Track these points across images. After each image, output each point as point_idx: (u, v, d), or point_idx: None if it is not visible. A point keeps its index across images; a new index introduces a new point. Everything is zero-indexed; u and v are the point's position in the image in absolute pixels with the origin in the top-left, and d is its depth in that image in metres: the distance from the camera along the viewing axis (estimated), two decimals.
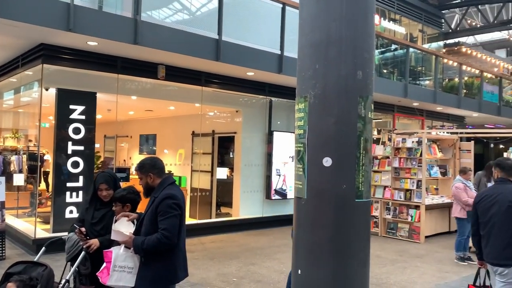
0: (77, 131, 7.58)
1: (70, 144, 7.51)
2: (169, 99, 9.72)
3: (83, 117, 7.65)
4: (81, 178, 7.61)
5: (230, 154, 11.79)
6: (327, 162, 2.36)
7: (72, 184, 7.54)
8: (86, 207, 3.84)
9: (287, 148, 10.54)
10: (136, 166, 3.50)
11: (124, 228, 3.28)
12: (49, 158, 10.37)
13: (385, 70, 13.37)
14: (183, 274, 3.31)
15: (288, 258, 6.82)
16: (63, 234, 3.96)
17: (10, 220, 8.71)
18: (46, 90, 7.59)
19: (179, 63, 8.58)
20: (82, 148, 7.63)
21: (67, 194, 7.50)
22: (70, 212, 7.49)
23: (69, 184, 7.51)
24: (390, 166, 10.02)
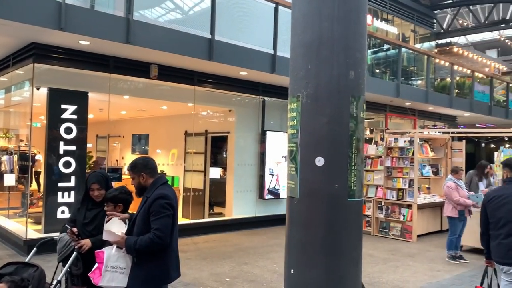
0: (69, 131, 7.54)
1: (61, 144, 7.46)
2: (161, 99, 9.69)
3: (75, 116, 7.61)
4: (73, 178, 7.57)
5: (223, 153, 11.78)
6: (320, 161, 2.37)
7: (64, 184, 7.49)
8: (78, 207, 3.82)
9: (280, 147, 10.56)
10: (128, 166, 3.48)
11: (115, 228, 3.27)
12: (40, 158, 10.30)
13: (377, 70, 13.43)
14: (176, 274, 3.31)
15: (281, 258, 6.82)
16: (55, 235, 3.93)
17: (1, 220, 8.64)
18: (38, 89, 7.53)
19: (172, 63, 8.55)
20: (74, 148, 7.59)
21: (59, 194, 7.45)
22: (62, 212, 7.44)
23: (60, 184, 7.46)
24: (383, 166, 10.08)
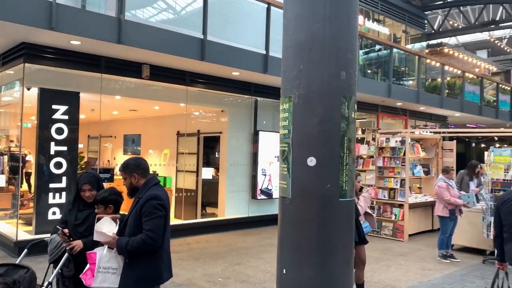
0: (60, 132, 7.48)
1: (52, 144, 7.41)
2: (153, 99, 9.66)
3: (66, 117, 7.56)
4: (64, 179, 7.52)
5: (216, 154, 11.77)
6: (312, 161, 2.38)
7: (55, 185, 7.43)
8: (69, 208, 3.80)
9: (273, 147, 10.57)
10: (120, 166, 3.47)
11: (106, 228, 3.25)
12: (31, 158, 10.21)
13: (369, 71, 13.50)
14: (168, 274, 3.30)
15: (274, 258, 6.84)
16: (46, 236, 3.91)
17: None
18: (28, 89, 7.47)
19: (164, 63, 8.53)
20: (65, 148, 7.54)
21: (50, 195, 7.40)
22: (53, 213, 7.39)
23: (52, 185, 7.41)
24: (374, 165, 10.13)
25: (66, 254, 3.49)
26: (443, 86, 14.55)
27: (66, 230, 3.59)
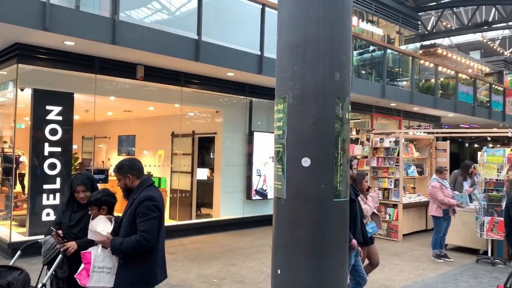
0: (54, 132, 7.45)
1: (46, 145, 7.38)
2: (148, 100, 9.64)
3: (60, 118, 7.53)
4: (58, 180, 7.48)
5: (211, 154, 11.75)
6: (306, 162, 2.39)
7: (49, 186, 7.40)
8: (63, 210, 3.78)
9: (268, 148, 10.58)
10: (114, 167, 3.46)
11: (101, 227, 3.24)
12: (25, 160, 10.16)
13: (363, 71, 13.55)
14: (162, 275, 3.29)
15: (268, 258, 6.84)
16: (40, 237, 3.88)
17: None
18: (22, 90, 7.43)
19: (158, 63, 8.52)
20: (59, 149, 7.50)
21: (44, 196, 7.36)
22: (47, 214, 7.35)
23: (45, 186, 7.37)
24: (369, 166, 10.17)
25: (60, 256, 3.47)
26: (437, 86, 14.63)
27: (60, 232, 3.57)
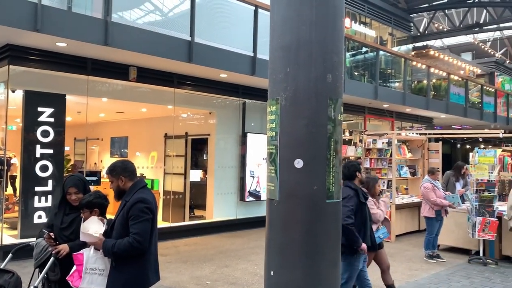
0: (45, 134, 7.40)
1: (38, 147, 7.33)
2: (141, 101, 9.61)
3: (52, 119, 7.48)
4: (50, 182, 7.43)
5: (204, 156, 11.73)
6: (299, 163, 2.39)
7: (40, 188, 7.35)
8: (55, 212, 3.75)
9: (261, 149, 10.58)
10: (107, 169, 3.45)
11: (93, 228, 3.22)
12: (16, 162, 10.08)
13: (356, 73, 13.60)
14: (155, 278, 3.28)
15: (262, 260, 6.84)
16: (31, 240, 3.85)
17: None
18: (13, 92, 7.37)
19: (151, 65, 8.49)
20: (51, 151, 7.45)
21: (36, 198, 7.30)
22: (39, 217, 7.30)
23: (37, 188, 7.32)
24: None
25: (52, 258, 3.45)
26: (429, 88, 14.72)
27: (52, 234, 3.55)
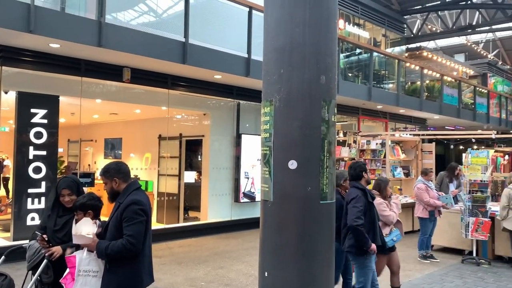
0: (39, 136, 7.36)
1: (31, 149, 7.29)
2: (134, 102, 9.58)
3: (45, 121, 7.44)
4: (43, 184, 7.39)
5: (198, 157, 11.71)
6: (293, 165, 2.40)
7: (34, 190, 7.30)
8: (48, 214, 3.73)
9: (255, 151, 10.57)
10: (100, 170, 3.43)
11: (86, 229, 3.20)
12: (9, 163, 10.02)
13: (350, 74, 13.65)
14: (149, 280, 3.27)
15: (257, 261, 6.83)
16: (24, 242, 3.83)
17: None
18: (6, 93, 7.33)
19: (145, 66, 8.47)
20: (44, 153, 7.42)
21: (29, 200, 7.26)
22: (32, 219, 7.25)
23: (30, 190, 7.28)
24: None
25: (45, 261, 3.43)
26: (422, 89, 14.81)
27: (45, 236, 3.53)
